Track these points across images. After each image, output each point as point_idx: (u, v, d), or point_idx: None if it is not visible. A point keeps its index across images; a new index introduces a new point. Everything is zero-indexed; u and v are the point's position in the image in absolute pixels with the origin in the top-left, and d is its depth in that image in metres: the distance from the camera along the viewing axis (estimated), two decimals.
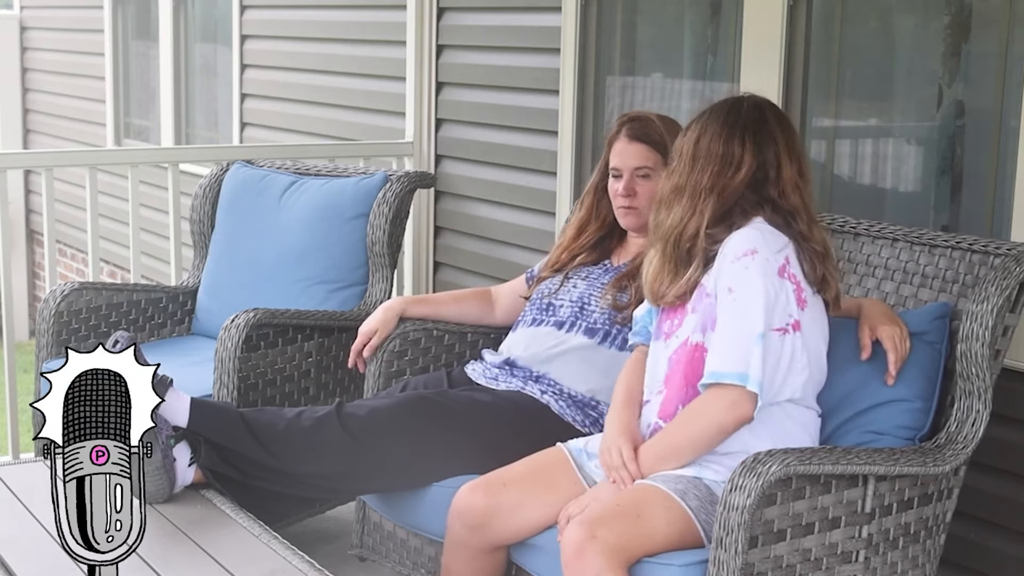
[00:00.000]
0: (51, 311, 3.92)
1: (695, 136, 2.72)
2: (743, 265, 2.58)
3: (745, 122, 2.69)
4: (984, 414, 2.63)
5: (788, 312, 2.57)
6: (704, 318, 2.65)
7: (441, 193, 4.89)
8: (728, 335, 2.56)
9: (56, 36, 9.05)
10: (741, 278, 2.57)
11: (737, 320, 2.56)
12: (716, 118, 2.71)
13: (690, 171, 2.69)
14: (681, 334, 2.70)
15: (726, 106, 2.74)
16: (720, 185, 2.66)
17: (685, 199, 2.69)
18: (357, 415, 2.99)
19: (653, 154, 3.18)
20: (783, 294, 2.57)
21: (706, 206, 2.66)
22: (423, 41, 4.86)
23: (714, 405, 2.56)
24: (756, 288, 2.55)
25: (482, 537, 2.74)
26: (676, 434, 2.62)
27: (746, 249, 2.59)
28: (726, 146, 2.67)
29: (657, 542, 2.48)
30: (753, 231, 2.63)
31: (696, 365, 2.64)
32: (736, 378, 2.52)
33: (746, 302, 2.55)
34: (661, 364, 2.75)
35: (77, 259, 8.58)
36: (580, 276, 3.28)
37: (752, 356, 2.52)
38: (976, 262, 2.78)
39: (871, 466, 2.47)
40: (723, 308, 2.59)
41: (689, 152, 2.71)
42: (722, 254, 2.63)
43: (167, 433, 2.86)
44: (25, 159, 6.81)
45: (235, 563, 2.55)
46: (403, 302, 3.44)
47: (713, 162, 2.67)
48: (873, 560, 2.55)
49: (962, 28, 3.30)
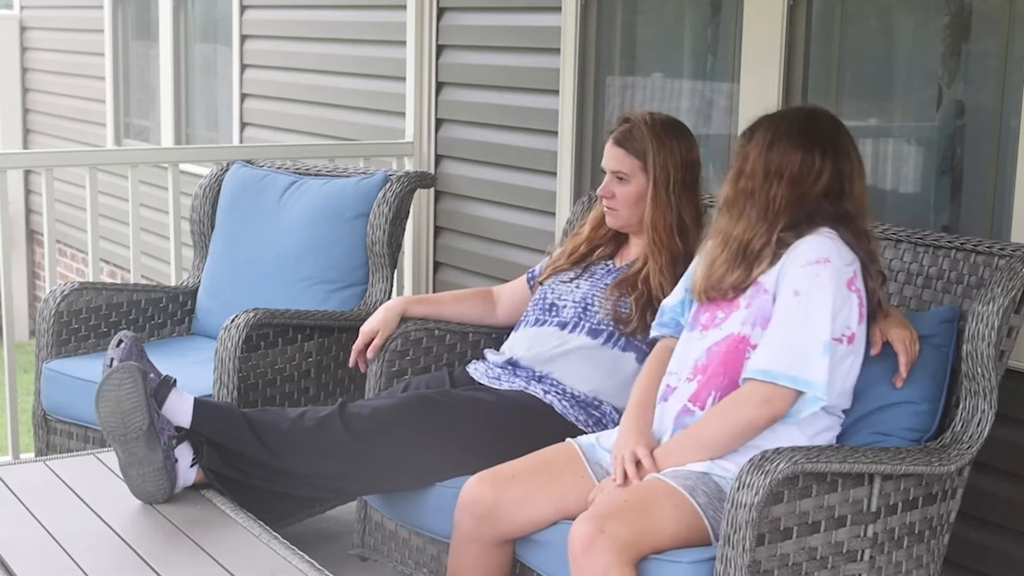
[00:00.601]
0: (51, 311, 3.92)
1: (766, 143, 2.70)
2: (814, 272, 2.59)
3: (824, 132, 2.70)
4: (989, 414, 2.64)
5: (847, 324, 2.60)
6: (756, 314, 2.66)
7: (441, 193, 4.89)
8: (787, 337, 2.58)
9: (56, 36, 9.05)
10: (811, 284, 2.59)
11: (800, 324, 2.57)
12: (791, 126, 2.70)
13: (763, 182, 2.68)
14: (726, 327, 2.71)
15: (800, 114, 2.75)
16: (796, 195, 2.66)
17: (755, 211, 2.69)
18: (360, 415, 2.98)
19: (630, 160, 3.19)
20: (847, 306, 2.60)
21: (778, 219, 2.67)
22: (423, 41, 4.86)
23: (749, 400, 2.59)
24: (826, 296, 2.57)
25: (490, 529, 2.74)
26: (708, 427, 2.63)
27: (819, 256, 2.61)
28: (805, 155, 2.67)
29: (665, 538, 2.48)
30: (826, 240, 2.64)
31: (738, 357, 2.65)
32: (789, 381, 2.55)
33: (814, 309, 2.57)
34: (695, 353, 2.75)
35: (77, 259, 8.57)
36: (584, 276, 3.28)
37: (818, 363, 2.55)
38: (980, 263, 2.79)
39: (877, 465, 2.48)
40: (785, 309, 2.61)
41: (760, 160, 2.69)
42: (791, 256, 2.64)
43: (169, 433, 2.86)
44: (25, 159, 6.80)
45: (235, 563, 2.55)
46: (405, 302, 3.45)
47: (789, 173, 2.66)
48: (878, 559, 2.55)
49: (962, 28, 3.30)
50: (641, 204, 3.20)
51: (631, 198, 3.21)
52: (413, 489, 3.01)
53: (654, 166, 3.17)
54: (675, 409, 2.73)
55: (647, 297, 3.14)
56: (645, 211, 3.19)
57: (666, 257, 3.16)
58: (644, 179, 3.19)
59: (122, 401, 2.78)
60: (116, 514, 2.79)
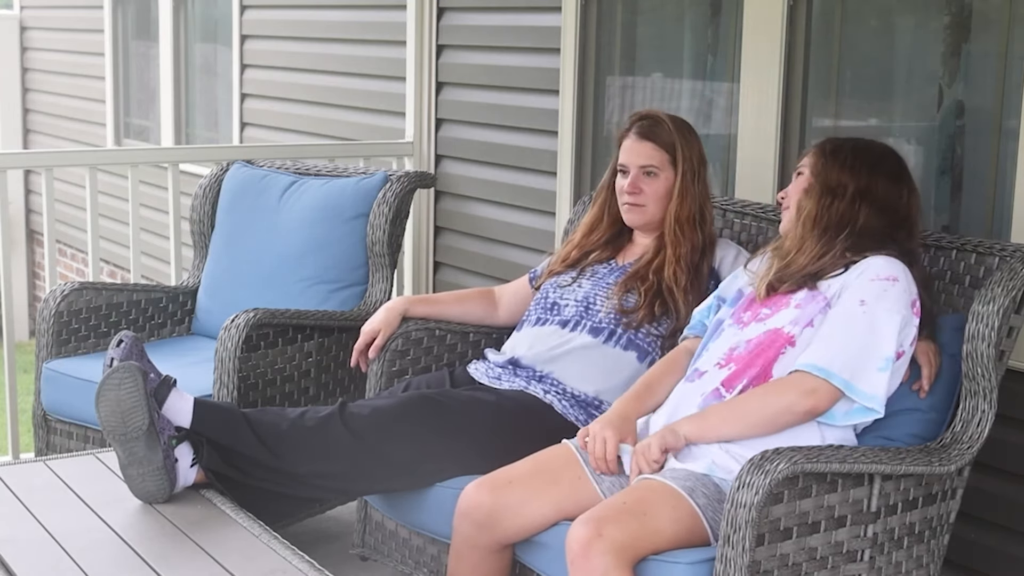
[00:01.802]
0: (51, 311, 3.92)
1: (865, 166, 2.79)
2: (882, 287, 2.64)
3: (906, 168, 2.83)
4: (989, 414, 2.64)
5: (902, 344, 2.64)
6: (806, 316, 2.70)
7: (441, 193, 4.89)
8: (848, 341, 2.60)
9: (56, 36, 9.05)
10: (880, 297, 2.63)
11: (863, 333, 2.60)
12: (884, 155, 2.83)
13: (851, 204, 2.77)
14: (771, 323, 2.74)
15: (883, 147, 2.87)
16: (883, 223, 2.76)
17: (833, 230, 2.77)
18: (360, 415, 2.98)
19: (660, 153, 3.20)
20: (909, 326, 2.64)
21: (857, 240, 2.75)
22: (423, 41, 4.86)
23: (794, 387, 2.61)
24: (894, 312, 2.62)
25: (489, 535, 2.74)
26: (746, 403, 2.65)
27: (888, 274, 2.66)
28: (895, 185, 2.79)
29: (664, 540, 2.48)
30: (895, 261, 2.70)
31: (774, 351, 2.69)
32: (842, 383, 2.58)
33: (880, 322, 2.60)
34: (731, 342, 2.78)
35: (77, 259, 8.57)
36: (586, 276, 3.28)
37: (876, 377, 2.58)
38: (980, 264, 2.79)
39: (877, 465, 2.48)
40: (847, 315, 2.64)
41: (851, 182, 2.78)
42: (859, 269, 2.70)
43: (169, 433, 2.86)
44: (25, 159, 6.80)
45: (235, 563, 2.54)
46: (406, 302, 3.44)
47: (882, 200, 2.77)
48: (878, 559, 2.55)
49: (962, 28, 3.30)
50: (668, 198, 3.21)
51: (661, 192, 3.22)
52: (413, 489, 3.01)
53: (683, 159, 3.19)
54: (704, 390, 2.75)
55: (657, 287, 3.15)
56: (671, 204, 3.20)
57: (686, 247, 3.18)
58: (672, 172, 3.20)
59: (122, 400, 2.78)
60: (116, 514, 2.79)
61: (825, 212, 2.77)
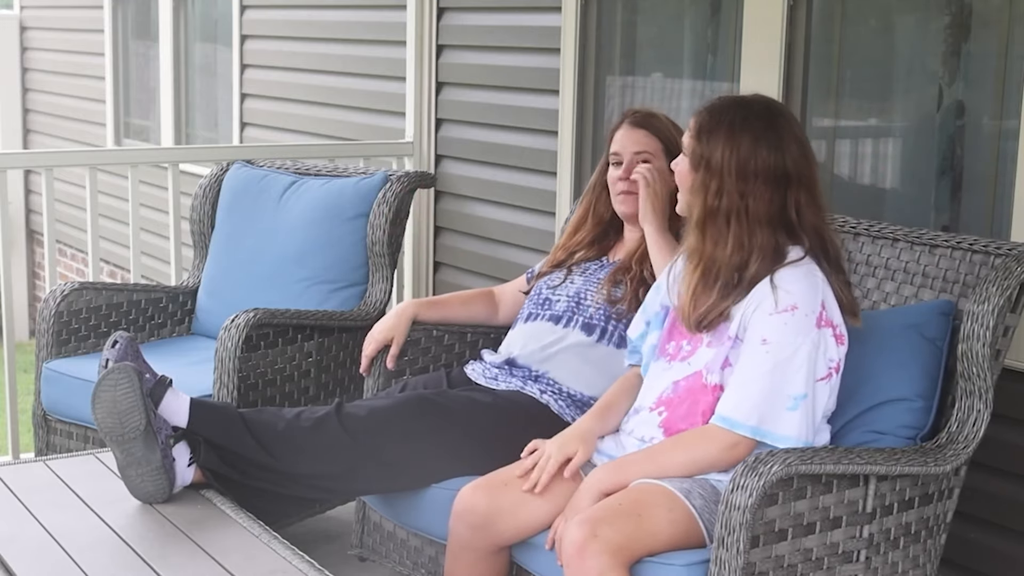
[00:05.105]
0: (51, 311, 3.92)
1: (738, 143, 2.56)
2: (782, 321, 2.53)
3: (790, 124, 2.59)
4: (985, 414, 2.63)
5: (829, 358, 2.54)
6: (720, 356, 2.62)
7: (441, 193, 4.89)
8: (754, 387, 2.52)
9: (56, 36, 9.05)
10: (779, 334, 2.52)
11: (766, 374, 2.51)
12: (756, 120, 2.57)
13: (744, 190, 2.56)
14: (694, 363, 2.67)
15: (760, 107, 2.61)
16: (775, 207, 2.57)
17: (741, 227, 2.57)
18: (357, 415, 2.98)
19: (654, 141, 3.21)
20: (822, 344, 2.53)
21: (760, 236, 2.57)
22: (423, 41, 4.86)
23: (714, 442, 2.55)
24: (797, 349, 2.51)
25: (485, 537, 2.73)
26: (667, 455, 2.60)
27: (786, 304, 2.53)
28: (776, 157, 2.55)
29: (660, 541, 2.47)
30: (798, 277, 2.55)
31: (705, 394, 2.62)
32: (750, 432, 2.51)
33: (785, 362, 2.51)
34: (662, 383, 2.72)
35: (77, 259, 8.58)
36: (577, 272, 3.29)
37: (787, 417, 2.50)
38: (977, 262, 2.78)
39: (872, 466, 2.47)
40: (753, 357, 2.54)
41: (732, 166, 2.56)
42: (757, 298, 2.56)
43: (167, 433, 2.86)
44: (25, 159, 6.80)
45: (235, 563, 2.55)
46: (415, 306, 3.42)
47: (770, 180, 2.56)
48: (874, 560, 2.55)
49: (962, 28, 3.30)
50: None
51: None
52: (410, 489, 3.01)
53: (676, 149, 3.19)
54: (643, 435, 2.71)
55: (640, 276, 3.15)
56: None
57: None
58: (666, 162, 3.20)
59: (118, 401, 2.78)
60: (116, 514, 2.80)
61: (712, 211, 2.57)
